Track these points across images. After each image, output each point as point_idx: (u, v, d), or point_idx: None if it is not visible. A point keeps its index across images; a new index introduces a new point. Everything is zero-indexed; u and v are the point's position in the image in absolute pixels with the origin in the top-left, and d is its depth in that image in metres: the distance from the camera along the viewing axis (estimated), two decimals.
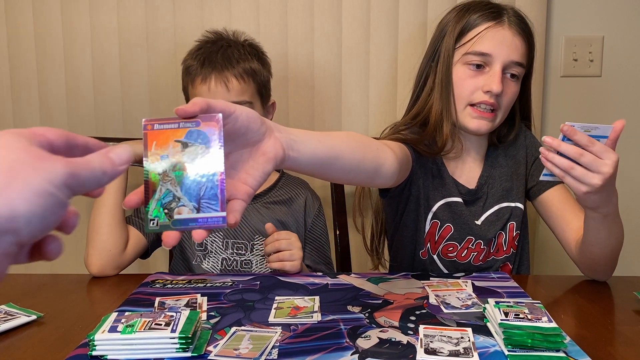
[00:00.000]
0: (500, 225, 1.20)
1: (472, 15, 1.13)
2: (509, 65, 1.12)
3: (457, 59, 1.14)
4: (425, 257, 1.21)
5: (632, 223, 1.71)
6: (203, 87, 1.20)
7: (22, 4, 1.59)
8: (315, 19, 1.60)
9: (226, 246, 1.24)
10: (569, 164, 0.87)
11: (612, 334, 0.86)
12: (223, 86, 1.19)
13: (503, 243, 1.21)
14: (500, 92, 1.10)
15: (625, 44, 1.66)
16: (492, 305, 0.84)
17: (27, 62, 1.61)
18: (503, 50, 1.11)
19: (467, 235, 1.19)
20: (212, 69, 1.20)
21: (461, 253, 1.20)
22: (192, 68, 1.23)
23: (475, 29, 1.12)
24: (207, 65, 1.20)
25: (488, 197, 1.21)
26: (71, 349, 0.79)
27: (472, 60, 1.12)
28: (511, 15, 1.14)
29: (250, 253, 1.25)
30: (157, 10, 1.60)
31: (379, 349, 0.78)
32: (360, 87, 1.63)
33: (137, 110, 1.63)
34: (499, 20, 1.12)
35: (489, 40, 1.11)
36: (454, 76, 1.14)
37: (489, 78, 1.11)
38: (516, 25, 1.12)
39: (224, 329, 0.85)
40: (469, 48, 1.12)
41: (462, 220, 1.19)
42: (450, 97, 1.14)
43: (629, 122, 1.71)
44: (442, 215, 1.19)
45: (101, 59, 1.61)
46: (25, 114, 1.63)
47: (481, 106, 1.12)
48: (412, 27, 1.59)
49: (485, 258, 1.21)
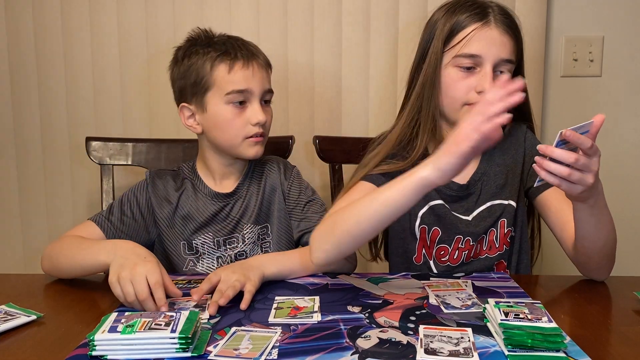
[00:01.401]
0: (491, 221, 1.20)
1: (459, 17, 1.14)
2: (499, 63, 1.13)
3: (447, 62, 1.15)
4: (419, 262, 1.22)
5: (632, 223, 1.71)
6: (246, 71, 1.17)
7: (22, 4, 1.59)
8: (315, 19, 1.60)
9: (218, 244, 1.23)
10: (567, 170, 0.87)
11: (612, 334, 0.86)
12: (263, 72, 1.21)
13: (495, 240, 1.21)
14: None
15: (625, 44, 1.66)
16: (492, 305, 0.84)
17: (27, 62, 1.62)
18: (492, 50, 1.12)
19: (454, 234, 1.20)
20: (250, 56, 1.19)
21: (453, 255, 1.20)
22: (221, 55, 1.17)
23: (463, 31, 1.13)
24: (241, 51, 1.19)
25: (482, 194, 1.21)
26: (71, 349, 0.79)
27: (462, 62, 1.13)
28: (497, 12, 1.14)
29: (242, 244, 1.24)
30: (157, 10, 1.60)
31: (379, 349, 0.78)
32: (360, 87, 1.63)
33: (137, 110, 1.63)
34: (485, 21, 1.13)
35: (478, 41, 1.12)
36: (447, 78, 1.15)
37: (481, 78, 1.12)
38: (502, 22, 1.14)
39: (224, 329, 0.85)
40: (458, 51, 1.13)
41: (448, 220, 1.20)
42: (432, 101, 1.16)
43: (629, 122, 1.72)
44: (428, 220, 1.20)
45: (101, 59, 1.61)
46: (26, 114, 1.63)
47: None
48: (412, 27, 1.58)
49: (477, 255, 1.21)
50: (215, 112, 1.18)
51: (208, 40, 1.21)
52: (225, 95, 1.17)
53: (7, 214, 1.67)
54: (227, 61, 1.17)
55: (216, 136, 1.20)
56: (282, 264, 1.08)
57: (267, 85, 1.22)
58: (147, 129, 1.64)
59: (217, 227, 1.24)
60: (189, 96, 1.20)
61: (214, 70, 1.17)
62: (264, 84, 1.21)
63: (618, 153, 1.71)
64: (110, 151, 1.47)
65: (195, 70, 1.18)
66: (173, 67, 1.24)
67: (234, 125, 1.18)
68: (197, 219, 1.23)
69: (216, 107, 1.18)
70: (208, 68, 1.17)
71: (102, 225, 1.18)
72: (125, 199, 1.24)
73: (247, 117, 1.18)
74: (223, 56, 1.17)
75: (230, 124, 1.18)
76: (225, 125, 1.18)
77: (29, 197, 1.66)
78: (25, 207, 1.67)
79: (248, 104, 1.19)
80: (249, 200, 1.26)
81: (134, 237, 1.20)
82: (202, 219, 1.23)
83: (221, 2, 1.59)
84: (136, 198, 1.24)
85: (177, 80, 1.22)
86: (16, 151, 1.65)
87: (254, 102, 1.19)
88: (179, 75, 1.21)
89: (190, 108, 1.21)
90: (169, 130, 1.63)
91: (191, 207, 1.24)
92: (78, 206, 1.67)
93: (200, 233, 1.23)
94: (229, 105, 1.17)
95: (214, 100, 1.18)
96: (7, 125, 1.64)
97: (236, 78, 1.17)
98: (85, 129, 1.62)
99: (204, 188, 1.25)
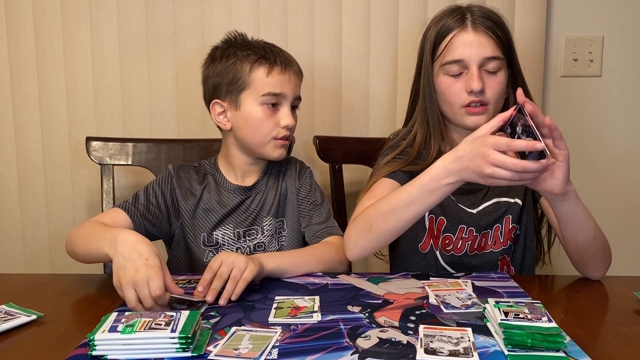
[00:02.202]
0: (496, 217, 1.24)
1: (441, 27, 1.20)
2: (484, 62, 1.17)
3: (437, 71, 1.21)
4: (425, 250, 1.25)
5: (632, 223, 1.71)
6: (283, 77, 1.23)
7: (22, 4, 1.59)
8: (315, 19, 1.60)
9: (238, 236, 1.27)
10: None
11: (612, 334, 0.86)
12: (297, 79, 1.27)
13: (500, 235, 1.24)
14: (482, 88, 1.16)
15: (625, 44, 1.66)
16: (492, 305, 0.84)
17: (27, 62, 1.61)
18: (473, 52, 1.16)
19: (458, 224, 1.24)
20: (287, 63, 1.25)
21: (457, 245, 1.24)
22: (261, 58, 1.22)
23: (444, 40, 1.19)
24: (279, 57, 1.24)
25: (489, 190, 1.26)
26: (71, 349, 0.79)
27: (449, 70, 1.19)
28: (476, 16, 1.18)
29: (261, 235, 1.28)
30: (157, 10, 1.60)
31: (379, 348, 0.78)
32: (360, 87, 1.63)
33: (137, 110, 1.63)
34: (462, 26, 1.18)
35: (457, 47, 1.17)
36: (440, 86, 1.21)
37: (468, 79, 1.17)
38: (480, 24, 1.18)
39: (224, 329, 0.85)
40: (443, 59, 1.19)
41: (452, 210, 1.24)
42: (434, 110, 1.23)
43: (629, 122, 1.72)
44: (435, 210, 1.24)
45: (101, 59, 1.61)
46: (25, 114, 1.63)
47: (471, 105, 1.18)
48: (412, 27, 1.59)
49: (482, 249, 1.23)
50: (248, 111, 1.23)
51: (246, 44, 1.26)
52: (260, 96, 1.22)
53: (7, 214, 1.67)
54: (266, 65, 1.22)
55: (245, 134, 1.24)
56: (281, 259, 1.11)
57: (298, 92, 1.28)
58: (147, 129, 1.64)
59: (238, 220, 1.28)
60: (223, 94, 1.25)
61: (253, 72, 1.22)
62: (296, 90, 1.27)
63: (617, 153, 1.71)
64: (111, 151, 1.47)
65: (233, 69, 1.23)
66: (209, 65, 1.28)
67: (265, 125, 1.23)
68: (219, 211, 1.27)
69: (250, 106, 1.23)
70: (247, 69, 1.22)
71: (129, 211, 1.20)
72: (150, 189, 1.26)
73: (277, 119, 1.24)
74: (263, 60, 1.23)
75: (261, 124, 1.23)
76: (256, 125, 1.23)
77: (29, 197, 1.66)
78: (25, 207, 1.67)
79: (280, 107, 1.24)
80: (268, 194, 1.31)
81: (157, 226, 1.24)
82: (224, 212, 1.27)
83: (221, 2, 1.59)
84: (161, 189, 1.27)
85: (212, 77, 1.26)
86: (16, 151, 1.65)
87: (285, 106, 1.24)
88: (215, 72, 1.26)
89: (223, 105, 1.25)
90: (169, 130, 1.63)
91: (213, 201, 1.28)
92: (78, 206, 1.66)
93: (222, 225, 1.27)
94: (262, 106, 1.22)
95: (249, 100, 1.22)
96: (7, 125, 1.64)
97: (273, 81, 1.22)
98: (85, 129, 1.62)
99: (226, 183, 1.30)
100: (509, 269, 1.25)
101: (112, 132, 1.62)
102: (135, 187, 1.66)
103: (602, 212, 1.29)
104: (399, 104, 1.62)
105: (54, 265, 1.67)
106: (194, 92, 1.62)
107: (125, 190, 1.64)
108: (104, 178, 1.46)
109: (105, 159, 1.47)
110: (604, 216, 1.24)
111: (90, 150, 1.47)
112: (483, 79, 1.16)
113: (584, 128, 1.69)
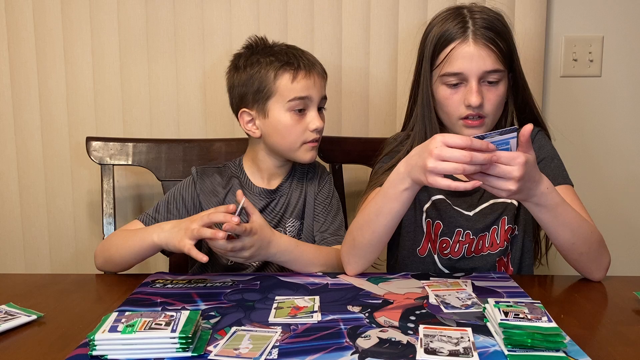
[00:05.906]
0: (493, 218, 1.23)
1: (441, 35, 1.17)
2: (484, 75, 1.15)
3: (435, 80, 1.20)
4: (423, 254, 1.25)
5: (632, 223, 1.71)
6: (308, 80, 1.22)
7: (22, 4, 1.59)
8: (315, 19, 1.60)
9: None
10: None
11: (612, 334, 0.86)
12: (322, 80, 1.26)
13: (496, 237, 1.23)
14: (480, 103, 1.15)
15: (625, 44, 1.66)
16: (492, 305, 0.84)
17: (27, 62, 1.61)
18: (473, 66, 1.14)
19: (455, 227, 1.23)
20: (311, 66, 1.24)
21: (454, 248, 1.24)
22: (285, 65, 1.22)
23: (444, 50, 1.16)
24: (302, 61, 1.23)
25: (485, 192, 1.24)
26: (71, 349, 0.79)
27: (448, 80, 1.17)
28: (478, 25, 1.15)
29: None
30: (157, 10, 1.60)
31: (379, 348, 0.78)
32: (360, 87, 1.63)
33: (137, 110, 1.63)
34: (463, 37, 1.15)
35: (457, 59, 1.15)
36: (439, 95, 1.20)
37: (467, 93, 1.15)
38: (482, 36, 1.14)
39: (224, 329, 0.85)
40: (441, 70, 1.17)
41: (449, 214, 1.24)
42: (432, 118, 1.22)
43: (629, 122, 1.72)
44: (431, 214, 1.24)
45: (101, 59, 1.61)
46: (26, 114, 1.63)
47: (469, 117, 1.18)
48: (412, 27, 1.59)
49: (480, 251, 1.23)
50: (277, 119, 1.22)
51: (268, 49, 1.25)
52: (287, 102, 1.21)
53: (7, 214, 1.67)
54: (290, 71, 1.21)
55: (276, 141, 1.24)
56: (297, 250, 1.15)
57: (324, 93, 1.27)
58: (147, 129, 1.64)
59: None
60: (250, 102, 1.24)
61: (278, 79, 1.21)
62: (322, 91, 1.26)
63: (617, 153, 1.71)
64: (111, 151, 1.47)
65: (258, 78, 1.22)
66: (233, 74, 1.27)
67: (294, 131, 1.23)
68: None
69: (277, 113, 1.22)
70: (272, 77, 1.21)
71: (148, 223, 1.21)
72: (171, 198, 1.26)
73: (306, 123, 1.23)
74: (286, 66, 1.22)
75: (290, 130, 1.22)
76: (285, 131, 1.22)
77: (29, 197, 1.66)
78: (25, 207, 1.67)
79: (307, 111, 1.24)
80: (291, 196, 1.31)
81: None
82: None
83: (221, 2, 1.59)
84: (182, 196, 1.27)
85: (238, 87, 1.26)
86: (16, 151, 1.65)
87: (312, 109, 1.24)
88: (240, 82, 1.25)
89: (251, 113, 1.25)
90: (169, 130, 1.63)
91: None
92: (78, 206, 1.66)
93: None
94: (289, 112, 1.22)
95: (276, 107, 1.22)
96: (7, 125, 1.64)
97: (299, 86, 1.21)
98: (85, 129, 1.62)
99: (251, 186, 1.29)
100: (507, 269, 1.25)
101: (112, 132, 1.62)
102: (135, 187, 1.66)
103: (602, 212, 1.29)
104: (398, 104, 1.62)
105: (54, 265, 1.67)
106: (194, 92, 1.62)
107: (125, 190, 1.64)
108: (104, 178, 1.46)
109: (105, 159, 1.47)
110: (604, 216, 1.24)
111: (90, 150, 1.47)
112: (482, 92, 1.15)
113: (583, 128, 1.69)
